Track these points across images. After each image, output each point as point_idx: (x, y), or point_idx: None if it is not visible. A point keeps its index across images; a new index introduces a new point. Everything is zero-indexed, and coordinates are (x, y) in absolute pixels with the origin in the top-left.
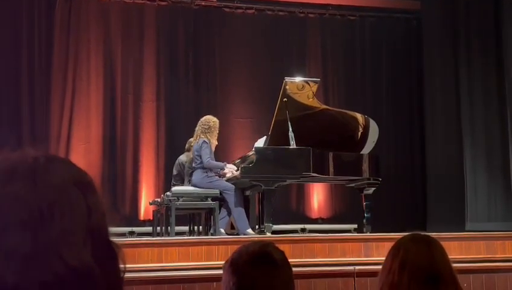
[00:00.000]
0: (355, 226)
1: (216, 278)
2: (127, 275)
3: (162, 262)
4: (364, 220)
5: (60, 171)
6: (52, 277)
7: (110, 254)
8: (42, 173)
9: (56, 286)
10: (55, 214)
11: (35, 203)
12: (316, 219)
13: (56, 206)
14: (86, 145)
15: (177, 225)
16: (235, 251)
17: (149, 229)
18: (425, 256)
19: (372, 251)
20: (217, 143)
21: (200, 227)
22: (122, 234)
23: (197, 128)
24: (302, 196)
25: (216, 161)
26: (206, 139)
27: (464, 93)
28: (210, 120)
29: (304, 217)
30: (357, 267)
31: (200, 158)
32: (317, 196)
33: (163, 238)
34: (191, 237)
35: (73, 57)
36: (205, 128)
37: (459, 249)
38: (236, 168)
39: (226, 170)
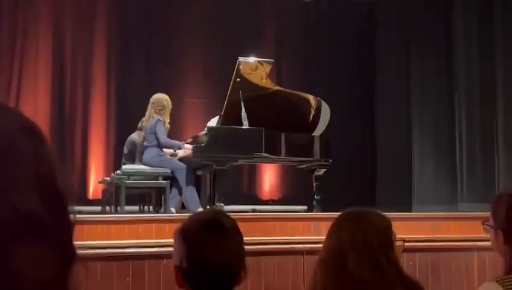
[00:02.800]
0: (306, 207)
1: (166, 256)
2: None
3: (111, 239)
4: (314, 202)
5: (7, 117)
6: (0, 222)
7: (59, 203)
8: None
9: (2, 229)
10: (2, 159)
11: None
12: (267, 201)
13: (2, 151)
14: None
15: (127, 204)
16: (185, 219)
17: (98, 208)
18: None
19: (322, 230)
20: (169, 121)
21: (151, 207)
22: None
23: (149, 108)
24: (253, 177)
25: None
26: (160, 118)
27: (414, 78)
28: (163, 99)
29: (255, 199)
30: (307, 246)
31: (153, 136)
32: (269, 178)
33: (112, 215)
34: (140, 215)
35: (21, 34)
36: (159, 108)
37: (406, 229)
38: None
39: (182, 151)
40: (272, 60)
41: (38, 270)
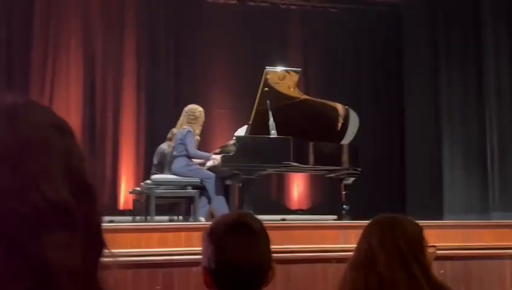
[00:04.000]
0: (335, 217)
1: (195, 263)
2: (105, 259)
3: (141, 247)
4: (343, 211)
5: (40, 113)
6: (31, 209)
7: (88, 196)
8: (21, 113)
9: (34, 218)
10: (35, 150)
11: (14, 140)
12: (296, 210)
13: (35, 143)
14: None
15: (157, 214)
16: (213, 221)
17: (129, 218)
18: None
19: (351, 238)
20: (199, 133)
21: (180, 217)
22: None
23: (181, 117)
24: (282, 187)
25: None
26: (190, 129)
27: (443, 86)
28: (196, 110)
29: (283, 208)
30: (336, 254)
31: (183, 147)
32: (298, 188)
33: (142, 223)
34: (170, 223)
35: (53, 46)
36: (191, 118)
37: (437, 237)
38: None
39: (210, 162)
40: (300, 69)
41: (69, 258)
